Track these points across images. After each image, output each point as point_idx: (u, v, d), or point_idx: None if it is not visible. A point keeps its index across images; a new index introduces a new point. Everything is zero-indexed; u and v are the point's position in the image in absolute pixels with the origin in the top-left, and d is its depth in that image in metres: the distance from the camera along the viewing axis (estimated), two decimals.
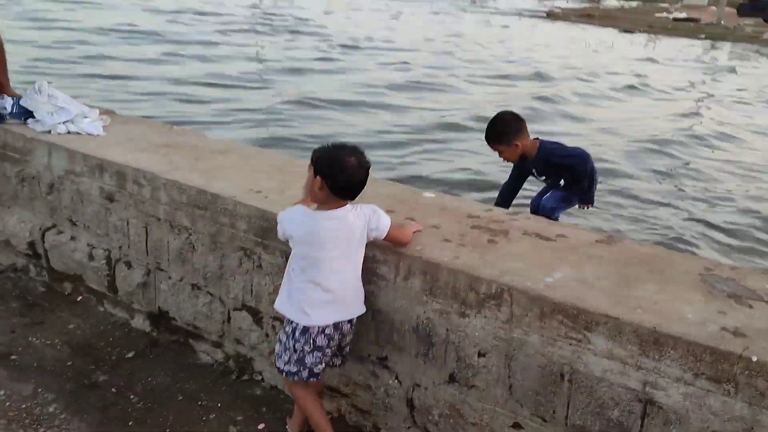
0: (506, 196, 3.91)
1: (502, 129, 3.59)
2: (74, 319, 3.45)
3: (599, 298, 2.18)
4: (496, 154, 3.65)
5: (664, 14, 46.18)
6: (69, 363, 3.08)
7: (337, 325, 2.42)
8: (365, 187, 2.40)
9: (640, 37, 29.55)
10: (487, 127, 3.63)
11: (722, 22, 39.01)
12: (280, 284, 2.77)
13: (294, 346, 2.41)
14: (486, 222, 2.83)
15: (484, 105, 10.92)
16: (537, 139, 3.69)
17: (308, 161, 2.39)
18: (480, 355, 2.36)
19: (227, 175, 3.16)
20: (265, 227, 2.79)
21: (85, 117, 3.81)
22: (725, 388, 1.94)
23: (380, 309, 2.56)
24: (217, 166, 3.27)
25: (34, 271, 3.85)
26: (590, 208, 4.01)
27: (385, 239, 2.45)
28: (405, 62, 15.92)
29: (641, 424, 2.09)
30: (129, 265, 3.36)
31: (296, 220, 2.40)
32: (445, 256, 2.44)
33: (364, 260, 2.48)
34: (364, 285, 2.52)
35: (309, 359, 2.41)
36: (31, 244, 3.78)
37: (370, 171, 2.39)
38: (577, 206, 3.92)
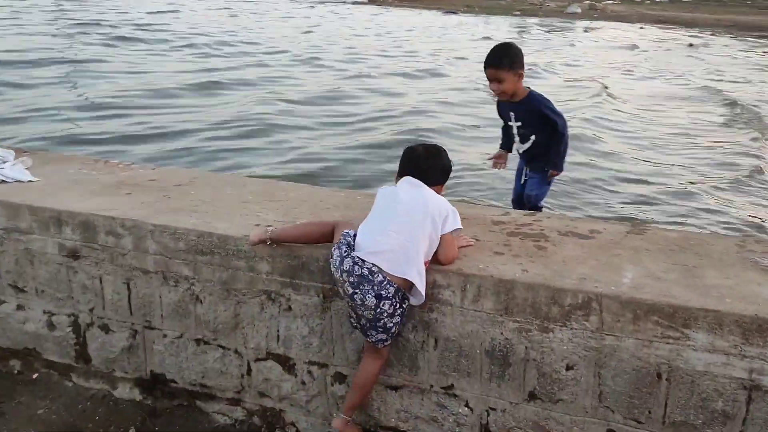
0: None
1: (516, 53, 3.41)
2: (40, 401, 2.91)
3: (684, 293, 2.18)
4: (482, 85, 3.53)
5: None
6: None
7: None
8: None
9: (468, 18, 30.92)
10: (497, 49, 3.43)
11: None
12: (315, 326, 2.54)
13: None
14: (515, 227, 2.76)
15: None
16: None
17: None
18: (568, 368, 2.28)
19: (219, 211, 2.81)
20: (294, 265, 2.51)
21: (4, 162, 3.22)
22: None
23: (446, 336, 2.40)
24: (198, 203, 2.90)
25: None
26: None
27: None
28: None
29: (746, 410, 2.13)
30: (106, 328, 2.88)
31: None
32: (512, 271, 2.33)
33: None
34: (424, 313, 2.38)
35: None
36: None
37: None
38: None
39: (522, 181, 3.83)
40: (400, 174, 2.47)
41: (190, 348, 2.78)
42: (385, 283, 2.23)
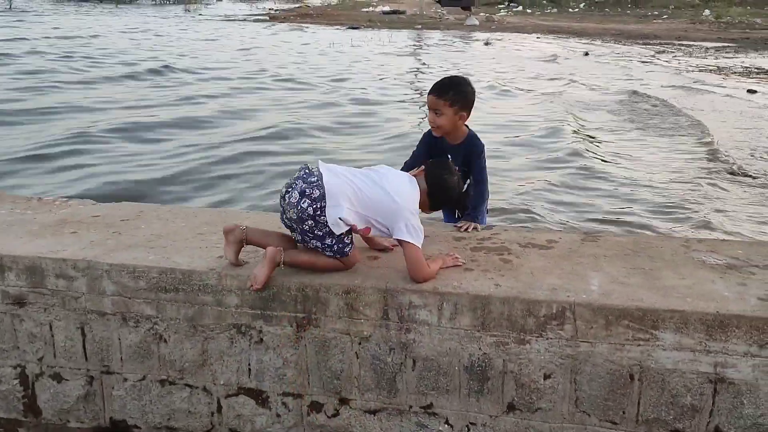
0: None
1: (465, 92, 3.10)
2: None
3: (650, 296, 2.30)
4: (421, 115, 3.31)
5: (371, 9, 49.59)
6: None
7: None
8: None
9: (371, 33, 31.22)
10: (447, 80, 3.17)
11: (424, 12, 43.06)
12: (288, 357, 2.51)
13: None
14: (477, 242, 2.82)
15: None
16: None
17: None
18: (546, 377, 2.35)
19: (176, 245, 2.71)
20: (264, 296, 2.45)
21: None
22: None
23: (424, 356, 2.41)
24: (152, 237, 2.79)
25: None
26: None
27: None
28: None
29: (713, 402, 2.27)
30: (58, 377, 2.71)
31: None
32: (485, 286, 2.38)
33: (395, 307, 2.38)
34: (401, 334, 2.40)
35: None
36: None
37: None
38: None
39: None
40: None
41: (154, 390, 2.65)
42: (314, 183, 2.36)
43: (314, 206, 2.35)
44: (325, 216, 2.36)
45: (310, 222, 2.37)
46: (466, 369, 2.40)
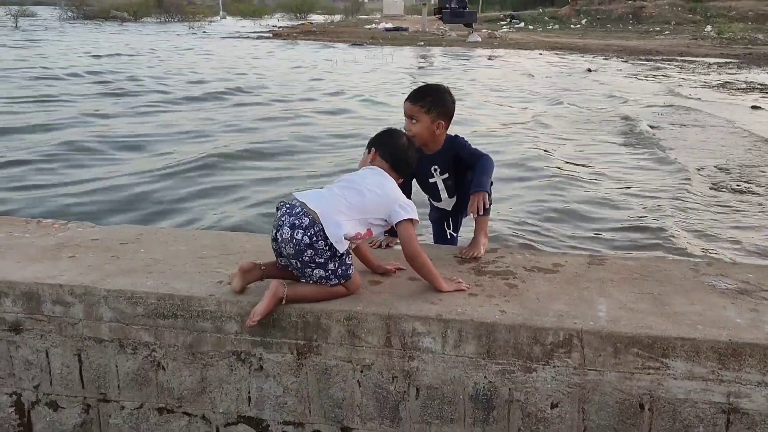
0: None
1: (443, 99, 2.96)
2: None
3: (659, 323, 2.24)
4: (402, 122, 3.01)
5: (373, 26, 49.90)
6: None
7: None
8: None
9: (377, 50, 31.31)
10: (425, 87, 3.04)
11: (427, 29, 43.29)
12: (289, 385, 2.45)
13: None
14: (481, 265, 2.77)
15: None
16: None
17: None
18: (553, 406, 2.29)
19: (176, 269, 2.66)
20: (265, 323, 2.39)
21: None
22: None
23: (428, 384, 2.35)
24: (151, 262, 2.74)
25: None
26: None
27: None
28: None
29: None
30: (54, 405, 2.66)
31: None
32: (490, 313, 2.32)
33: (397, 334, 2.32)
34: (404, 362, 2.34)
35: None
36: None
37: None
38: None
39: (449, 237, 3.34)
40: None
41: (152, 418, 2.59)
42: (300, 213, 2.33)
43: (308, 233, 2.30)
44: (322, 241, 2.31)
45: (309, 252, 2.31)
46: (471, 398, 2.34)
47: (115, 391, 2.60)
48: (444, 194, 3.14)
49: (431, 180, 3.09)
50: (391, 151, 2.65)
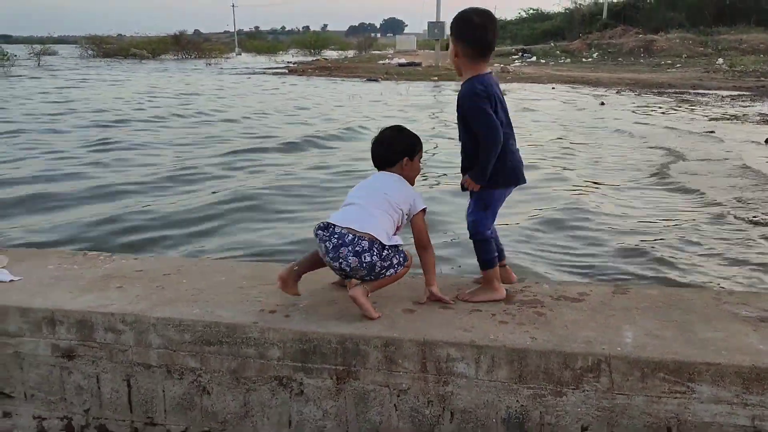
0: None
1: (458, 23, 2.76)
2: None
3: (685, 349, 2.35)
4: None
5: (387, 61, 50.60)
6: None
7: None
8: None
9: (392, 85, 31.73)
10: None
11: (440, 64, 43.82)
12: (328, 409, 2.56)
13: None
14: (509, 294, 2.88)
15: None
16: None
17: None
18: (583, 429, 2.38)
19: (218, 299, 2.81)
20: (305, 349, 2.53)
21: None
22: None
23: (462, 408, 2.46)
24: (195, 291, 2.89)
25: None
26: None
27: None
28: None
29: None
30: (103, 429, 2.78)
31: None
32: (521, 339, 2.44)
33: (433, 360, 2.45)
34: (439, 387, 2.45)
35: None
36: None
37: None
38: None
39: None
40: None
41: None
42: (355, 239, 2.56)
43: (373, 253, 2.58)
44: (385, 251, 2.61)
45: (378, 264, 2.60)
46: (504, 421, 2.44)
47: (162, 415, 2.72)
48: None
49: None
50: (397, 152, 2.86)
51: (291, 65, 50.19)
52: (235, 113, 17.69)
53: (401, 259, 2.68)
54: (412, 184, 2.88)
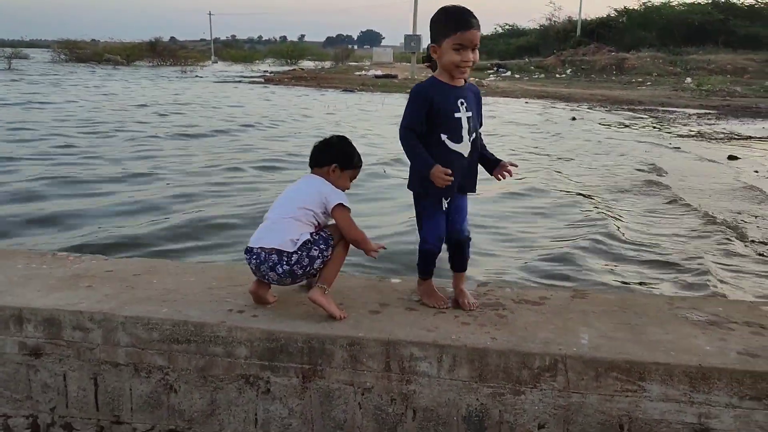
0: None
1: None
2: None
3: (636, 349, 2.45)
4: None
5: (363, 73, 50.82)
6: None
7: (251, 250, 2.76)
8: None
9: (367, 96, 31.85)
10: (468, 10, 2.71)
11: (416, 76, 44.18)
12: (294, 407, 2.62)
13: None
14: (473, 298, 2.97)
15: None
16: None
17: None
18: (540, 427, 2.47)
19: (188, 299, 2.85)
20: (272, 348, 2.58)
21: None
22: (766, 403, 2.32)
23: (424, 407, 2.53)
24: (164, 291, 2.92)
25: None
26: None
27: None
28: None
29: None
30: (69, 427, 2.80)
31: None
32: (482, 340, 2.52)
33: (396, 359, 2.51)
34: (402, 385, 2.52)
35: None
36: None
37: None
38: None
39: (444, 208, 2.79)
40: None
41: None
42: (266, 256, 2.69)
43: (284, 263, 2.68)
44: (295, 255, 2.68)
45: (296, 267, 2.70)
46: (465, 419, 2.52)
47: (128, 414, 2.75)
48: (466, 133, 2.73)
49: (456, 114, 2.71)
50: (336, 149, 2.90)
51: (268, 74, 50.16)
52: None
53: (322, 246, 2.72)
54: None
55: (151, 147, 13.02)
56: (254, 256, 2.71)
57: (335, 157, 2.85)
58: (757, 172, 11.51)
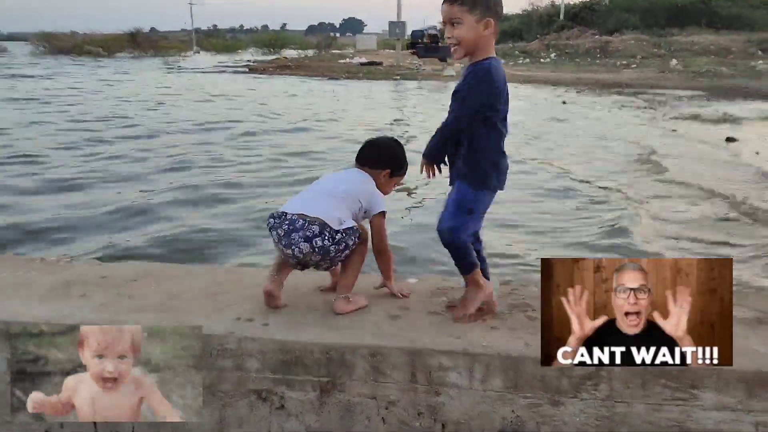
0: None
1: None
2: None
3: None
4: None
5: (347, 60, 50.35)
6: None
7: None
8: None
9: (355, 84, 31.49)
10: None
11: (401, 63, 43.82)
12: (311, 424, 2.41)
13: None
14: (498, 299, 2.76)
15: None
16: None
17: None
18: None
19: (190, 306, 2.62)
20: (287, 360, 2.36)
21: None
22: None
23: (455, 420, 2.33)
24: (164, 299, 2.69)
25: None
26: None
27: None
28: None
29: None
30: None
31: None
32: (515, 346, 2.32)
33: (423, 369, 2.31)
34: (430, 397, 2.32)
35: None
36: None
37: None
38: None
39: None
40: None
41: None
42: (306, 224, 2.49)
43: (324, 237, 2.49)
44: (338, 235, 2.51)
45: (332, 248, 2.51)
46: None
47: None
48: None
49: None
50: (386, 160, 2.78)
51: (251, 64, 49.53)
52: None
53: (355, 238, 2.58)
54: None
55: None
56: (286, 222, 2.51)
57: (390, 162, 2.78)
58: (758, 153, 11.40)
